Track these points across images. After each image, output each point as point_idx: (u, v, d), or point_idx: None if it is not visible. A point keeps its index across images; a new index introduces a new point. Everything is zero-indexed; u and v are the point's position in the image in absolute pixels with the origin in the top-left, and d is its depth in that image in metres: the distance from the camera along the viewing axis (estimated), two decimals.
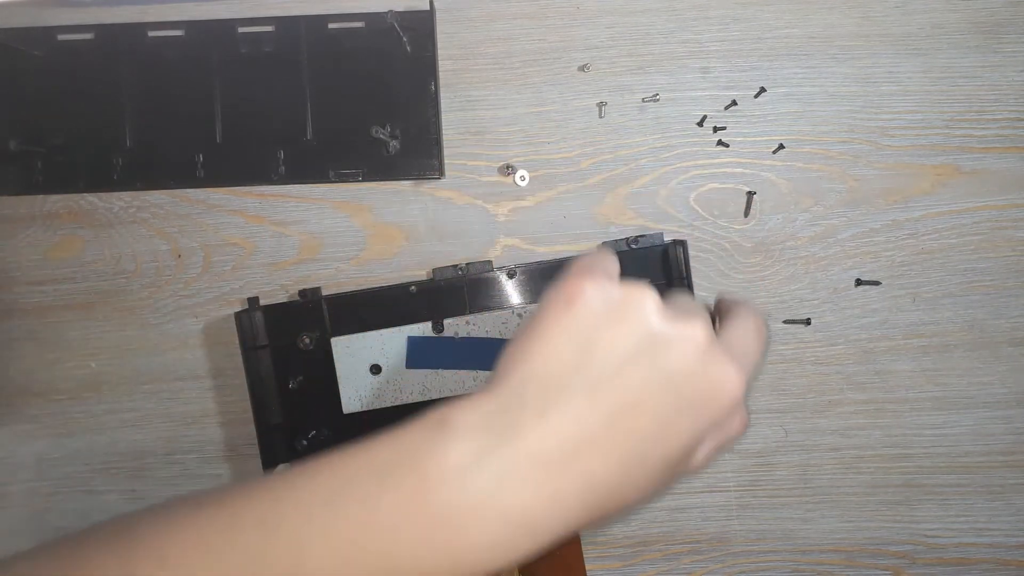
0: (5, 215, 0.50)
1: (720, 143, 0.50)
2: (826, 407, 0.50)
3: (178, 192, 0.50)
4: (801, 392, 0.50)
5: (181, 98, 0.50)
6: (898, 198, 0.50)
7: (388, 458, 0.26)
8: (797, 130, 0.50)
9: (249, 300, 0.49)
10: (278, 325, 0.48)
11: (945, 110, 0.50)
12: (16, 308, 0.50)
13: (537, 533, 0.25)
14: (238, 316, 0.47)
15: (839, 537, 0.50)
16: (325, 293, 0.49)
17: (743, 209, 0.50)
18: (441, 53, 0.50)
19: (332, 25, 0.49)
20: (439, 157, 0.49)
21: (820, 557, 0.50)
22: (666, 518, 0.50)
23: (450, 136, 0.50)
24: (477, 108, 0.50)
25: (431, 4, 0.49)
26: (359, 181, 0.50)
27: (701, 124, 0.50)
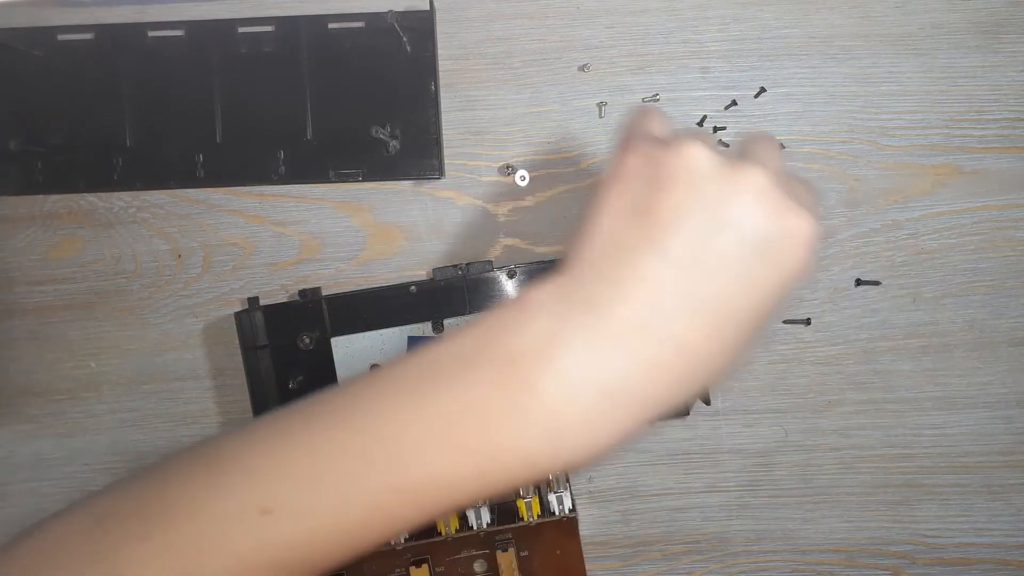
0: (5, 215, 0.50)
1: (720, 143, 0.50)
2: (826, 407, 0.50)
3: (178, 192, 0.50)
4: (801, 392, 0.50)
5: (181, 98, 0.50)
6: (898, 198, 0.50)
7: (474, 344, 0.25)
8: (797, 130, 0.50)
9: (249, 300, 0.49)
10: (278, 325, 0.48)
11: (945, 110, 0.50)
12: (16, 308, 0.50)
13: (635, 406, 0.24)
14: (238, 316, 0.47)
15: (839, 537, 0.50)
16: (325, 293, 0.49)
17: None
18: (441, 53, 0.50)
19: (332, 25, 0.50)
20: (439, 157, 0.49)
21: (820, 557, 0.50)
22: (666, 518, 0.50)
23: (450, 136, 0.50)
24: (477, 108, 0.50)
25: (431, 4, 0.49)
26: (359, 181, 0.50)
27: (701, 124, 0.50)
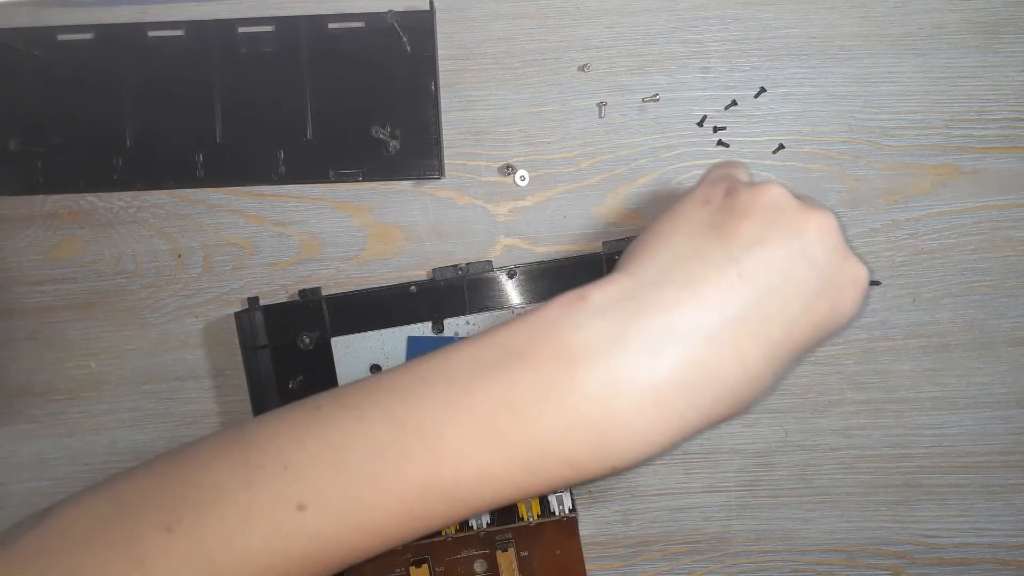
0: (5, 215, 0.50)
1: (720, 143, 0.50)
2: (826, 407, 0.50)
3: (178, 192, 0.50)
4: (801, 392, 0.50)
5: (181, 98, 0.50)
6: (898, 198, 0.50)
7: (526, 337, 0.25)
8: (797, 130, 0.50)
9: (249, 300, 0.49)
10: (278, 325, 0.48)
11: (945, 110, 0.50)
12: (16, 308, 0.50)
13: (687, 413, 0.24)
14: (238, 316, 0.47)
15: (839, 537, 0.50)
16: (325, 293, 0.49)
17: None
18: (441, 53, 0.50)
19: (332, 25, 0.50)
20: (439, 157, 0.49)
21: (820, 557, 0.50)
22: (666, 518, 0.50)
23: (450, 136, 0.50)
24: (477, 108, 0.50)
25: (431, 4, 0.49)
26: (359, 181, 0.50)
27: (701, 124, 0.50)
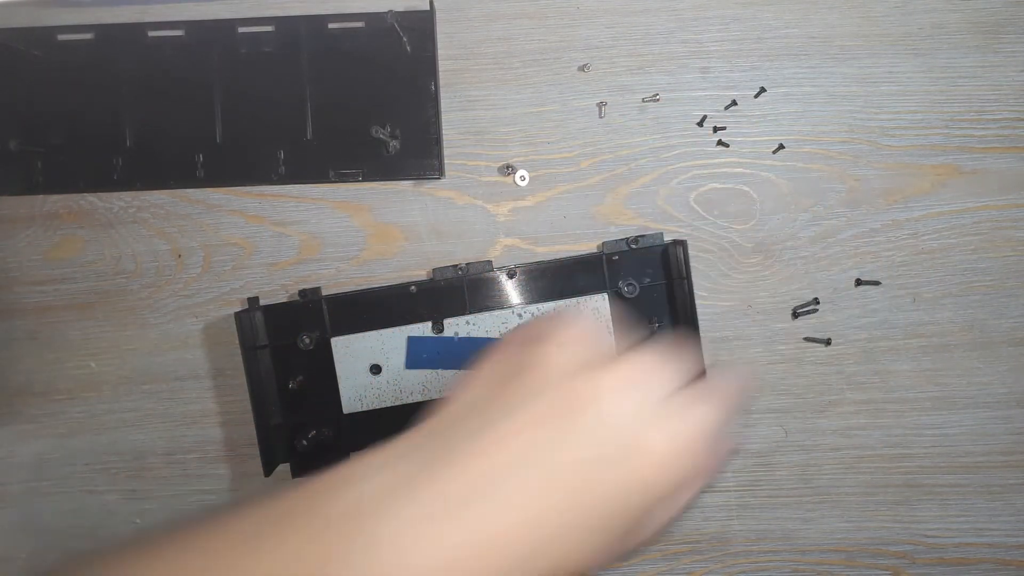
0: (5, 215, 0.50)
1: (720, 143, 0.50)
2: (826, 407, 0.50)
3: (178, 192, 0.50)
4: (801, 392, 0.50)
5: (181, 98, 0.50)
6: (898, 198, 0.50)
7: (293, 504, 0.24)
8: (797, 130, 0.50)
9: (249, 300, 0.49)
10: (278, 325, 0.48)
11: (945, 110, 0.50)
12: (16, 308, 0.50)
13: None
14: (238, 316, 0.47)
15: (839, 537, 0.50)
16: (325, 293, 0.49)
17: (743, 209, 0.50)
18: (441, 53, 0.50)
19: (332, 25, 0.50)
20: (439, 157, 0.49)
21: (820, 557, 0.50)
22: None
23: (450, 136, 0.50)
24: (477, 108, 0.50)
25: (431, 4, 0.49)
26: (359, 181, 0.50)
27: (701, 124, 0.50)
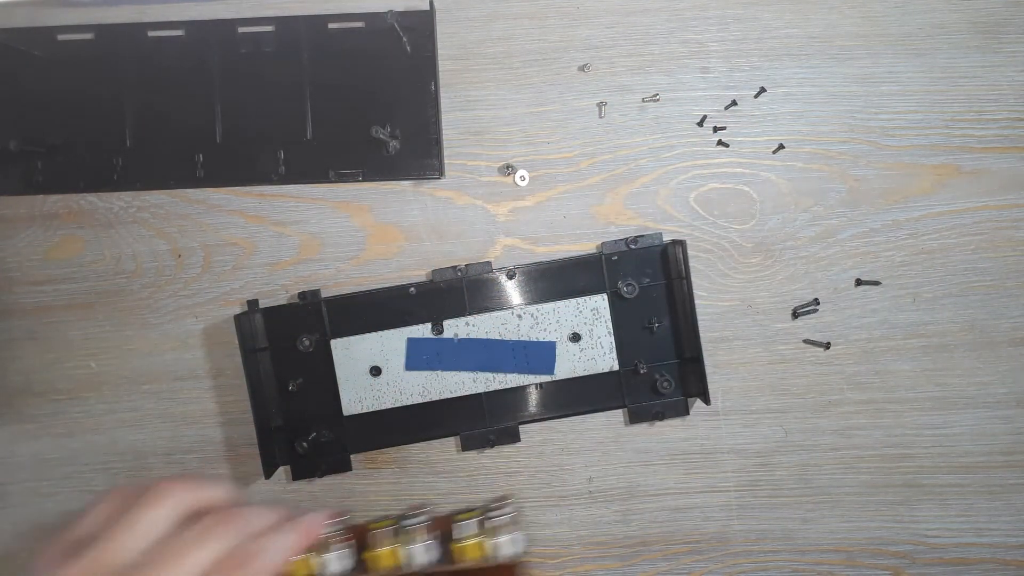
0: (5, 215, 0.50)
1: (720, 143, 0.50)
2: (826, 407, 0.50)
3: (178, 192, 0.50)
4: (801, 392, 0.50)
5: (181, 98, 0.50)
6: (898, 198, 0.50)
7: None
8: (797, 130, 0.50)
9: (249, 303, 0.49)
10: (278, 327, 0.48)
11: (945, 110, 0.50)
12: (16, 308, 0.50)
13: None
14: (237, 319, 0.47)
15: (839, 537, 0.50)
16: (325, 294, 0.49)
17: (743, 209, 0.50)
18: (441, 53, 0.50)
19: (332, 25, 0.49)
20: (439, 157, 0.49)
21: (820, 557, 0.50)
22: (666, 518, 0.50)
23: (450, 136, 0.50)
24: (477, 108, 0.50)
25: (431, 4, 0.49)
26: (359, 181, 0.50)
27: (701, 124, 0.50)
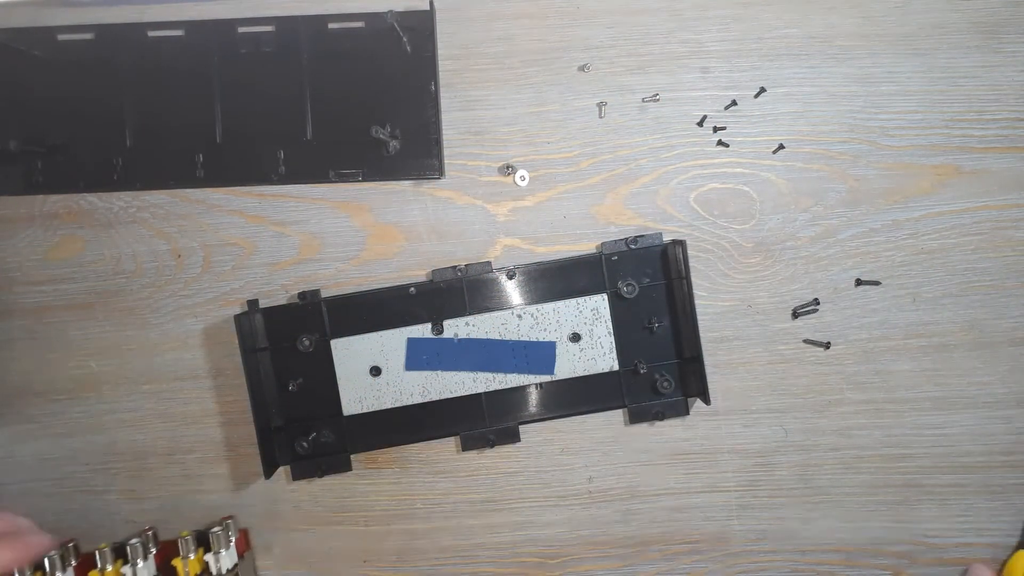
0: (5, 215, 0.50)
1: (720, 143, 0.50)
2: (826, 407, 0.50)
3: (178, 192, 0.50)
4: (801, 392, 0.50)
5: (181, 98, 0.50)
6: (898, 198, 0.50)
7: None
8: (797, 130, 0.50)
9: (249, 303, 0.49)
10: (278, 327, 0.48)
11: (945, 110, 0.50)
12: (16, 308, 0.50)
13: None
14: (237, 319, 0.47)
15: (839, 537, 0.50)
16: (325, 294, 0.49)
17: (743, 209, 0.50)
18: (441, 53, 0.50)
19: (332, 25, 0.49)
20: (439, 157, 0.49)
21: (820, 557, 0.50)
22: (666, 518, 0.50)
23: (450, 136, 0.50)
24: (477, 108, 0.50)
25: (431, 4, 0.49)
26: (359, 181, 0.50)
27: (701, 124, 0.50)
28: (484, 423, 0.49)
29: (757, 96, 0.50)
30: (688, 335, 0.48)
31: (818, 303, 0.50)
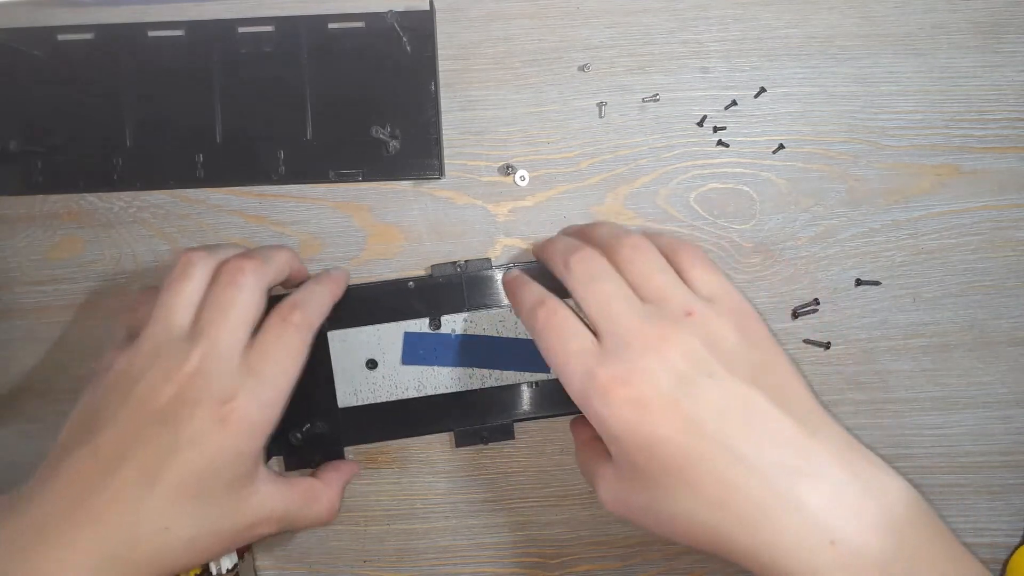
0: (5, 215, 0.50)
1: (720, 143, 0.50)
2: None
3: (178, 192, 0.50)
4: None
5: (181, 98, 0.50)
6: (898, 198, 0.50)
7: None
8: (797, 130, 0.50)
9: None
10: None
11: (945, 110, 0.50)
12: (16, 308, 0.50)
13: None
14: None
15: None
16: None
17: (743, 209, 0.50)
18: (441, 53, 0.50)
19: (332, 25, 0.50)
20: (439, 157, 0.49)
21: None
22: None
23: (450, 136, 0.50)
24: (477, 108, 0.50)
25: (431, 4, 0.49)
26: (359, 181, 0.50)
27: (701, 124, 0.50)
28: (479, 420, 0.48)
29: (757, 96, 0.50)
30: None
31: (818, 303, 0.50)
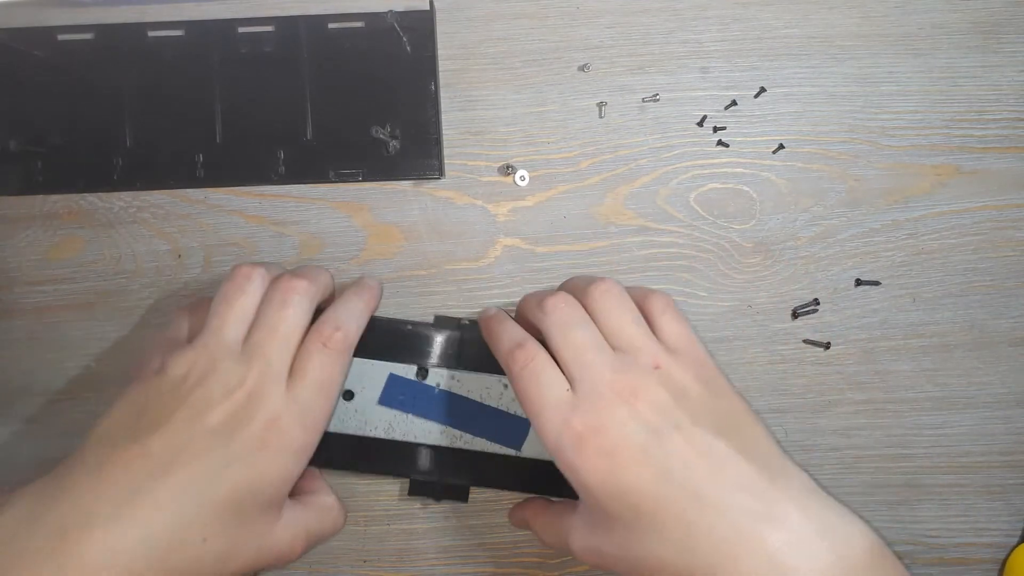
0: (5, 215, 0.50)
1: (720, 143, 0.50)
2: (826, 407, 0.50)
3: (178, 192, 0.50)
4: (801, 392, 0.50)
5: (181, 98, 0.50)
6: (898, 198, 0.50)
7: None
8: (797, 130, 0.50)
9: None
10: None
11: (945, 110, 0.50)
12: (16, 308, 0.50)
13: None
14: None
15: None
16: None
17: (743, 209, 0.50)
18: (441, 53, 0.50)
19: (332, 25, 0.50)
20: (439, 157, 0.49)
21: None
22: None
23: (450, 136, 0.50)
24: (477, 108, 0.50)
25: (431, 4, 0.49)
26: (359, 181, 0.50)
27: (701, 124, 0.50)
28: (437, 475, 0.46)
29: (757, 96, 0.50)
30: None
31: (818, 303, 0.50)
